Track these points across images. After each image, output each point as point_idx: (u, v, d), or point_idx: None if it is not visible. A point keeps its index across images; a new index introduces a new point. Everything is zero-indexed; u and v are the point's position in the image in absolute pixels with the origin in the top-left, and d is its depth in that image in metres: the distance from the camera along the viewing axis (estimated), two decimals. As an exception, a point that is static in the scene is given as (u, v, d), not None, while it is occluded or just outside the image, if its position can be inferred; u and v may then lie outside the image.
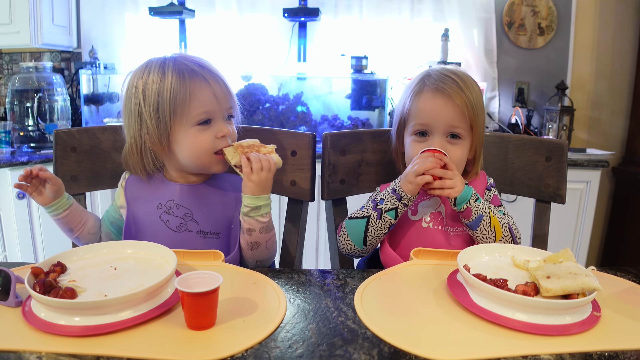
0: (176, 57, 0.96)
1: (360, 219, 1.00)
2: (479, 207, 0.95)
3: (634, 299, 0.76)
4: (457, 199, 0.94)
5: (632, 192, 2.59)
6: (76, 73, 2.51)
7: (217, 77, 0.97)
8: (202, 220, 0.99)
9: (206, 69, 0.96)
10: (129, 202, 1.01)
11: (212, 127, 0.96)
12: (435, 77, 0.99)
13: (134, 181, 1.03)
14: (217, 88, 0.96)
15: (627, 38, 2.65)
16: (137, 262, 0.79)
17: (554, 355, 0.60)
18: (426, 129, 1.00)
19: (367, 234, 0.99)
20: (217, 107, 0.96)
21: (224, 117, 0.98)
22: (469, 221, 0.95)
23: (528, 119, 2.58)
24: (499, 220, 0.97)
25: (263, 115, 2.41)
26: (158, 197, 1.00)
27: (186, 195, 1.00)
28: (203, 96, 0.94)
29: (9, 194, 1.94)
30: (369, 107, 2.45)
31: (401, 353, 0.60)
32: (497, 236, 0.96)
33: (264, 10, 2.57)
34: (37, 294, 0.63)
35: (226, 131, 0.97)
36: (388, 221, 0.98)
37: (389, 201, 0.97)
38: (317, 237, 2.27)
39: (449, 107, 0.97)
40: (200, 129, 0.95)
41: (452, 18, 2.58)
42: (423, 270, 0.86)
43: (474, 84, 1.01)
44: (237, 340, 0.61)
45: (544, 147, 1.16)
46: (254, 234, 0.95)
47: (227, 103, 0.98)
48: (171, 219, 0.98)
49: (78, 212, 1.01)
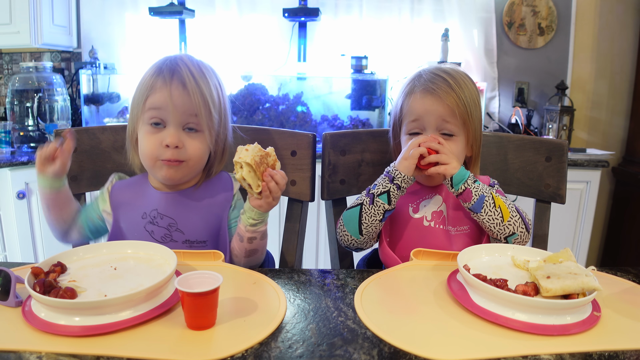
0: (181, 55, 0.95)
1: (354, 207, 0.99)
2: (478, 187, 0.94)
3: (634, 299, 0.76)
4: (454, 178, 0.93)
5: (632, 192, 2.59)
6: (76, 73, 2.51)
7: (186, 83, 0.90)
8: (187, 230, 0.96)
9: (179, 73, 0.91)
10: (114, 209, 0.99)
11: (163, 132, 0.92)
12: (425, 78, 1.00)
13: (121, 187, 1.02)
14: (177, 94, 0.90)
15: (627, 38, 2.65)
16: (137, 262, 0.79)
17: (554, 355, 0.60)
18: (419, 127, 1.00)
19: (362, 222, 0.97)
20: (169, 113, 0.91)
21: (179, 126, 0.92)
22: (471, 204, 0.94)
23: (528, 119, 2.58)
24: (503, 201, 0.96)
25: (263, 115, 2.41)
26: (142, 205, 0.98)
27: (170, 204, 0.97)
28: (159, 96, 0.91)
29: (9, 194, 1.94)
30: (369, 107, 2.45)
31: (401, 353, 0.60)
32: (505, 217, 0.94)
33: (264, 10, 2.57)
34: (37, 294, 0.63)
35: (170, 141, 0.91)
36: (381, 206, 0.96)
37: (381, 185, 0.96)
38: (317, 237, 2.27)
39: (439, 106, 0.97)
40: (151, 130, 0.93)
41: (452, 18, 2.58)
42: (423, 270, 0.86)
43: (467, 80, 1.01)
44: (237, 340, 0.61)
45: (544, 147, 1.16)
46: (255, 241, 0.94)
47: (187, 114, 0.92)
48: (156, 229, 0.96)
49: (65, 196, 0.98)
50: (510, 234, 0.95)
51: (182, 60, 0.93)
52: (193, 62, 0.94)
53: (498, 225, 0.94)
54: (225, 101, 1.00)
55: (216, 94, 0.95)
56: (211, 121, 0.94)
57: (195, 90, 0.91)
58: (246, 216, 0.92)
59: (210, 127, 0.95)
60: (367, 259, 1.23)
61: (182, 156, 0.93)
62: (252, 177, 0.84)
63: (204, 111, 0.92)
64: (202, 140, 0.95)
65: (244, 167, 0.84)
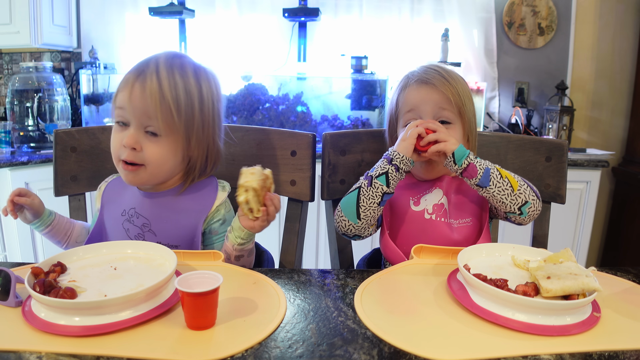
0: (164, 54, 0.91)
1: (352, 192, 0.99)
2: (481, 162, 0.93)
3: (634, 299, 0.76)
4: (456, 154, 0.92)
5: (632, 192, 2.59)
6: (76, 73, 2.51)
7: (146, 85, 0.86)
8: (160, 232, 0.95)
9: (143, 74, 0.87)
10: (102, 206, 1.00)
11: (125, 132, 0.89)
12: (418, 72, 1.03)
13: (113, 184, 1.02)
14: (136, 95, 0.87)
15: (627, 38, 2.65)
16: (137, 262, 0.79)
17: (554, 355, 0.60)
18: (415, 116, 1.01)
19: (360, 205, 0.96)
20: (128, 113, 0.88)
21: (139, 128, 0.89)
22: (478, 179, 0.92)
23: (528, 119, 2.58)
24: (508, 172, 0.95)
25: (263, 115, 2.41)
26: (123, 203, 0.98)
27: (148, 205, 0.96)
28: (121, 95, 0.89)
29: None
30: (369, 107, 2.46)
31: (401, 353, 0.60)
32: (514, 186, 0.93)
33: (264, 10, 2.57)
34: (37, 294, 0.63)
35: (126, 142, 0.88)
36: (379, 188, 0.94)
37: (379, 167, 0.96)
38: (317, 237, 2.27)
39: (435, 93, 0.99)
40: (117, 128, 0.91)
41: (452, 18, 2.58)
42: (423, 270, 0.86)
43: (459, 77, 1.02)
44: (237, 340, 0.61)
45: (544, 147, 1.16)
46: (242, 259, 0.92)
47: (146, 116, 0.87)
48: (131, 228, 0.95)
49: (62, 226, 1.01)
50: (523, 203, 0.94)
51: (157, 61, 0.89)
52: (170, 63, 0.89)
53: (509, 195, 0.93)
54: (211, 106, 0.94)
55: (188, 98, 0.89)
56: (174, 126, 0.89)
57: (154, 93, 0.86)
58: (234, 235, 0.89)
59: (176, 132, 0.90)
60: (367, 259, 1.23)
61: (138, 159, 0.89)
62: (255, 202, 0.83)
63: (162, 115, 0.87)
64: (163, 145, 0.90)
65: (249, 191, 0.82)
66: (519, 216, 0.95)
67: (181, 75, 0.89)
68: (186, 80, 0.89)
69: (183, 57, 0.93)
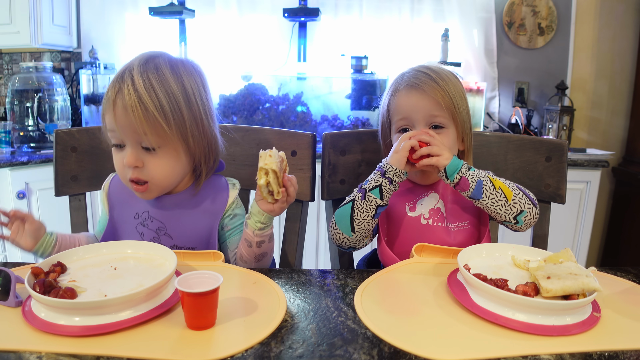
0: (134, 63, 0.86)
1: (346, 204, 0.98)
2: (474, 174, 0.93)
3: (634, 299, 0.76)
4: (448, 169, 0.92)
5: (632, 192, 2.59)
6: (76, 73, 2.51)
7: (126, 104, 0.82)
8: (176, 235, 0.95)
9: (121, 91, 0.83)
10: (110, 208, 0.99)
11: (124, 152, 0.88)
12: (408, 75, 1.01)
13: (117, 183, 1.00)
14: (120, 114, 0.84)
15: (627, 38, 2.65)
16: (137, 262, 0.79)
17: (554, 355, 0.60)
18: (408, 123, 1.00)
19: (354, 218, 0.96)
20: (119, 134, 0.86)
21: (136, 145, 0.87)
22: (470, 192, 0.92)
23: (528, 119, 2.58)
24: (502, 182, 0.94)
25: (263, 115, 2.41)
26: (135, 206, 0.97)
27: (161, 208, 0.96)
28: (108, 118, 0.86)
29: (9, 194, 1.93)
30: (369, 107, 2.46)
31: (401, 353, 0.60)
32: (509, 196, 0.93)
33: (264, 10, 2.57)
34: (37, 294, 0.63)
35: (127, 162, 0.86)
36: (373, 201, 0.94)
37: (372, 180, 0.96)
38: (317, 237, 2.27)
39: (425, 100, 0.97)
40: (116, 150, 0.90)
41: (452, 18, 2.58)
42: (423, 269, 0.86)
43: (451, 76, 1.00)
44: (237, 340, 0.61)
45: (544, 147, 1.16)
46: (264, 245, 0.92)
47: (137, 133, 0.84)
48: (146, 231, 0.95)
49: (66, 244, 0.97)
50: (518, 212, 0.94)
51: (131, 71, 0.84)
52: (144, 69, 0.85)
53: (503, 206, 0.93)
54: (198, 98, 0.90)
55: (172, 101, 0.85)
56: (167, 136, 0.86)
57: (136, 109, 0.82)
58: (253, 220, 0.89)
59: (170, 141, 0.87)
60: (367, 259, 1.23)
61: (144, 176, 0.88)
62: (275, 183, 0.83)
63: (151, 130, 0.84)
64: (163, 157, 0.88)
65: (269, 174, 0.82)
66: (515, 225, 0.96)
67: (158, 79, 0.85)
68: (165, 83, 0.85)
69: (157, 57, 0.89)
